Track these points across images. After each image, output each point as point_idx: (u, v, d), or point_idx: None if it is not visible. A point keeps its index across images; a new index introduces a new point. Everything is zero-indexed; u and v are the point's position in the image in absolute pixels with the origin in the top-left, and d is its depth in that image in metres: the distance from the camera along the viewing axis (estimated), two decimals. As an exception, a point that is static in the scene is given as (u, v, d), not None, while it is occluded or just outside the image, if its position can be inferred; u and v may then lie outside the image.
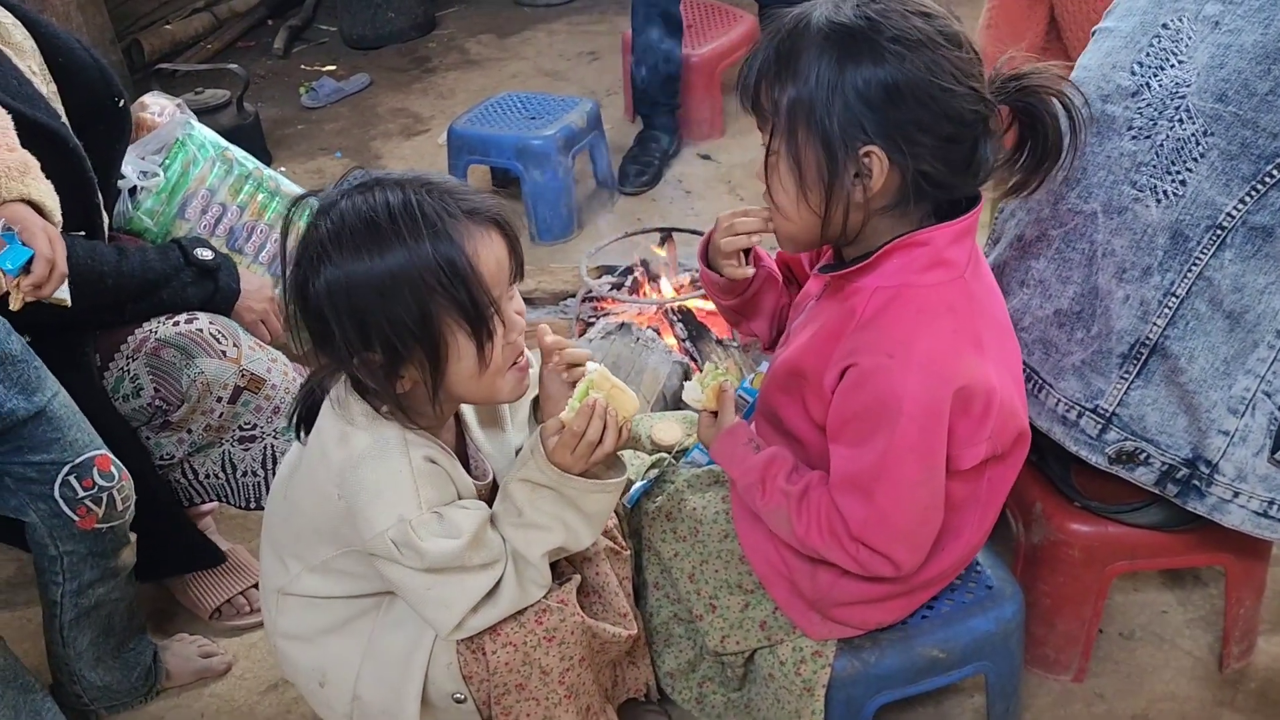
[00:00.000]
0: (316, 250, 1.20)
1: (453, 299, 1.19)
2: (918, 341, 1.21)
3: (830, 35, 1.18)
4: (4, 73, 1.57)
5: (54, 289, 1.34)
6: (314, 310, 1.22)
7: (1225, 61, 1.36)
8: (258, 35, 4.98)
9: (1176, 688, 1.71)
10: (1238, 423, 1.39)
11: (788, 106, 1.21)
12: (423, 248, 1.18)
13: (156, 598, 2.03)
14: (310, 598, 1.40)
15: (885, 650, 1.45)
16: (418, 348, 1.21)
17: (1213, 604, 1.84)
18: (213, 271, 1.82)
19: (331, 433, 1.30)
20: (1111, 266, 1.45)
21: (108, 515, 1.61)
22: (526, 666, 1.34)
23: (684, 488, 1.55)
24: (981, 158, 1.21)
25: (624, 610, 1.46)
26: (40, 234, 1.32)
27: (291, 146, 3.91)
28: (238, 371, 1.75)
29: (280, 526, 1.42)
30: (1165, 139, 1.41)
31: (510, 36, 4.72)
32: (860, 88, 1.16)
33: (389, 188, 1.21)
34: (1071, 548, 1.60)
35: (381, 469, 1.26)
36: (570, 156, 3.12)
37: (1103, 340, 1.46)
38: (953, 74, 1.16)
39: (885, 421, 1.22)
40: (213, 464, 1.84)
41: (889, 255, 1.24)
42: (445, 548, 1.26)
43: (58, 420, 1.54)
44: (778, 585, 1.43)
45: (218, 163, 2.03)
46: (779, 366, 1.39)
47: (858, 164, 1.19)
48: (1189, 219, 1.38)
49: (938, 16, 1.19)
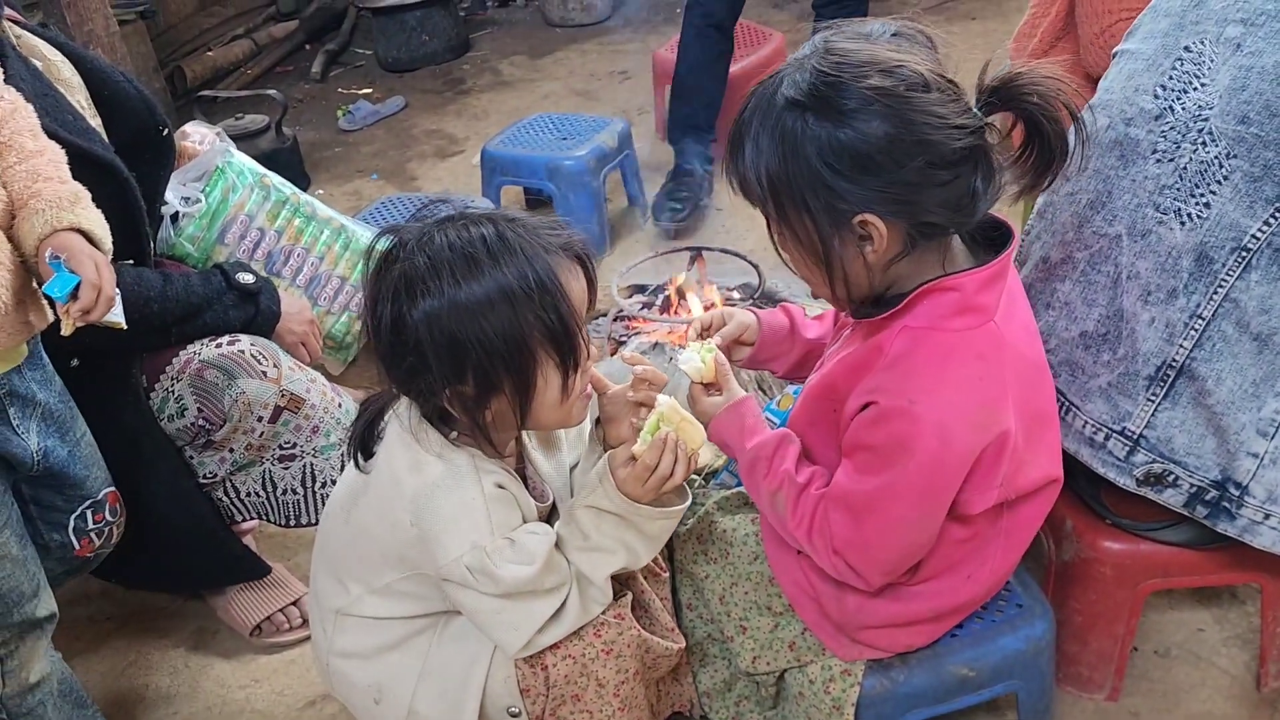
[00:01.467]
0: (414, 282, 1.21)
1: (547, 328, 1.23)
2: (942, 390, 1.20)
3: (790, 110, 1.16)
4: (60, 109, 1.63)
5: (102, 314, 1.38)
6: (409, 342, 1.23)
7: (1247, 84, 1.36)
8: (296, 60, 5.08)
9: (1213, 707, 1.69)
10: (1267, 445, 1.38)
11: (768, 188, 1.20)
12: (523, 281, 1.21)
13: (199, 614, 2.07)
14: (370, 618, 1.43)
15: (914, 669, 1.45)
16: (508, 379, 1.24)
17: (1250, 622, 1.82)
18: (254, 295, 1.87)
19: (403, 460, 1.32)
20: (1137, 289, 1.45)
21: (103, 545, 1.69)
22: (584, 679, 1.37)
23: (714, 510, 1.56)
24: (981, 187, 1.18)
25: (670, 625, 1.49)
26: (87, 261, 1.36)
27: (329, 169, 3.98)
28: (278, 391, 1.79)
29: (342, 550, 1.44)
30: (1189, 162, 1.41)
31: (543, 57, 4.77)
32: (831, 161, 1.14)
33: (480, 222, 1.24)
34: (1103, 565, 1.60)
35: (456, 497, 1.29)
36: (602, 176, 3.14)
37: (1129, 362, 1.46)
38: (925, 123, 1.13)
39: (895, 462, 1.23)
40: (254, 482, 1.88)
41: (918, 300, 1.23)
42: (519, 574, 1.29)
43: (84, 459, 1.62)
44: (806, 607, 1.44)
45: (256, 189, 2.08)
46: (809, 390, 1.40)
47: (856, 231, 1.18)
48: (1214, 241, 1.38)
49: (899, 66, 1.14)
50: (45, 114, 1.52)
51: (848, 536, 1.29)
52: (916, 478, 1.22)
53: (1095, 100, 1.57)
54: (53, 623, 1.54)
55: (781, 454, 1.36)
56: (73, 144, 1.54)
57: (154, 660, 2.01)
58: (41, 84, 1.63)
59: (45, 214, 1.36)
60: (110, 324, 1.41)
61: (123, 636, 2.07)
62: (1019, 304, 1.31)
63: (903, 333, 1.24)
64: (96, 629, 2.09)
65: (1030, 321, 1.34)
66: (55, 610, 1.54)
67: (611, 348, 2.43)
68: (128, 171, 1.70)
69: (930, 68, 1.16)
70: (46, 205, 1.37)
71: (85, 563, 1.71)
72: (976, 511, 1.28)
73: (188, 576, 2.01)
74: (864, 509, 1.27)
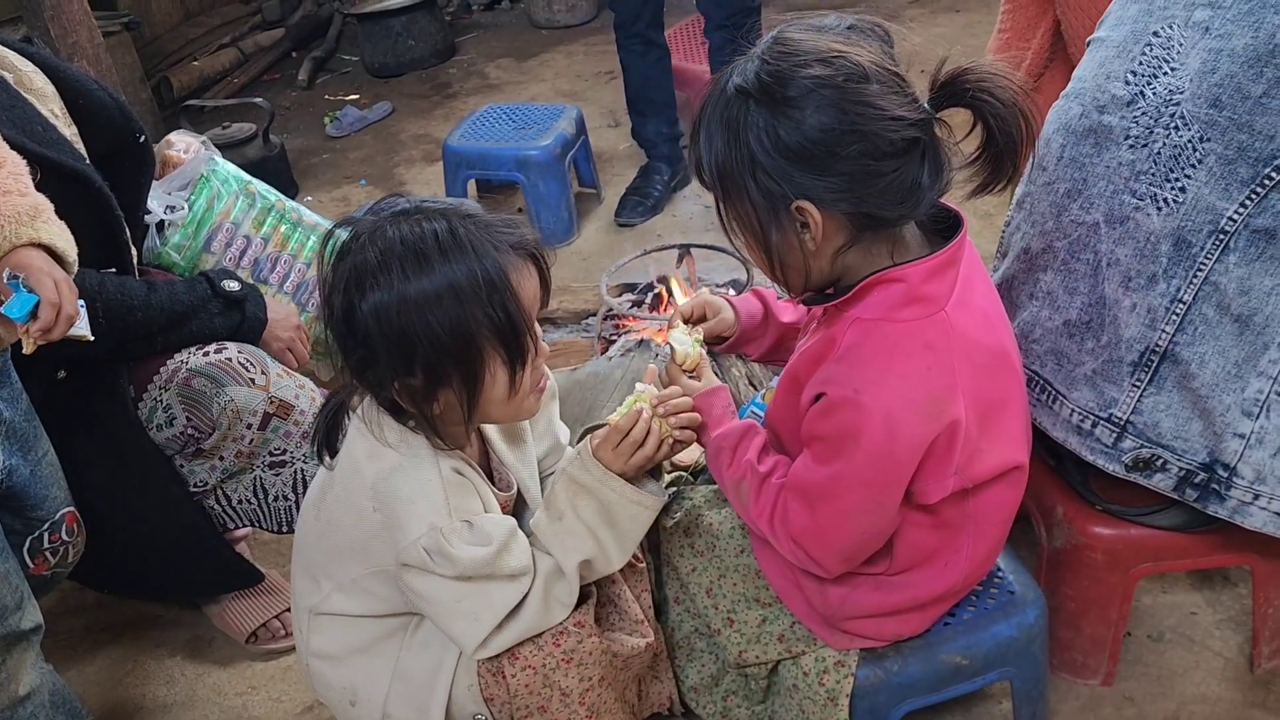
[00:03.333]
0: (365, 275, 1.23)
1: (495, 325, 1.24)
2: (888, 380, 1.21)
3: (735, 101, 1.20)
4: (28, 119, 1.62)
5: (63, 332, 1.36)
6: (359, 334, 1.25)
7: (1217, 66, 1.36)
8: (282, 68, 5.08)
9: (1207, 690, 1.70)
10: (1253, 425, 1.38)
11: (715, 174, 1.24)
12: (471, 278, 1.22)
13: (194, 623, 2.07)
14: (340, 616, 1.43)
15: (908, 659, 1.45)
16: (456, 373, 1.26)
17: (1242, 604, 1.82)
18: (240, 302, 1.87)
19: (362, 449, 1.34)
20: (1117, 276, 1.45)
21: (59, 564, 1.68)
22: (547, 689, 1.37)
23: (701, 504, 1.57)
24: (924, 179, 1.19)
25: (639, 618, 1.48)
26: (46, 279, 1.34)
27: (317, 176, 3.98)
28: (267, 398, 1.79)
29: (314, 545, 1.45)
30: (1162, 147, 1.41)
31: (529, 59, 4.77)
32: (769, 147, 1.17)
33: (433, 217, 1.25)
34: (1094, 551, 1.60)
35: (413, 479, 1.31)
36: (567, 163, 3.26)
37: (1113, 349, 1.46)
38: (860, 113, 1.14)
39: (843, 451, 1.24)
40: (245, 490, 1.88)
41: (867, 291, 1.25)
42: (476, 554, 1.30)
43: (45, 479, 1.61)
44: (794, 598, 1.44)
45: (241, 196, 2.08)
46: (780, 382, 1.41)
47: (795, 218, 1.20)
48: (1191, 225, 1.38)
49: (839, 56, 1.16)
50: (13, 125, 1.51)
51: (804, 525, 1.30)
52: (865, 467, 1.24)
53: (1069, 89, 1.58)
54: (39, 634, 1.53)
55: (745, 444, 1.38)
56: (40, 155, 1.54)
57: (150, 669, 2.01)
58: (8, 95, 1.62)
59: (4, 230, 1.35)
60: (76, 337, 1.40)
61: (118, 646, 2.07)
62: (978, 290, 1.30)
63: (854, 324, 1.25)
64: (91, 640, 2.08)
65: (991, 307, 1.33)
66: (41, 622, 1.53)
67: (601, 346, 2.43)
68: (101, 181, 1.70)
69: (873, 60, 1.17)
70: (5, 221, 1.35)
71: (42, 581, 1.69)
72: (935, 500, 1.29)
73: (181, 586, 2.01)
74: (818, 498, 1.28)
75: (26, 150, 1.48)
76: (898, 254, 1.25)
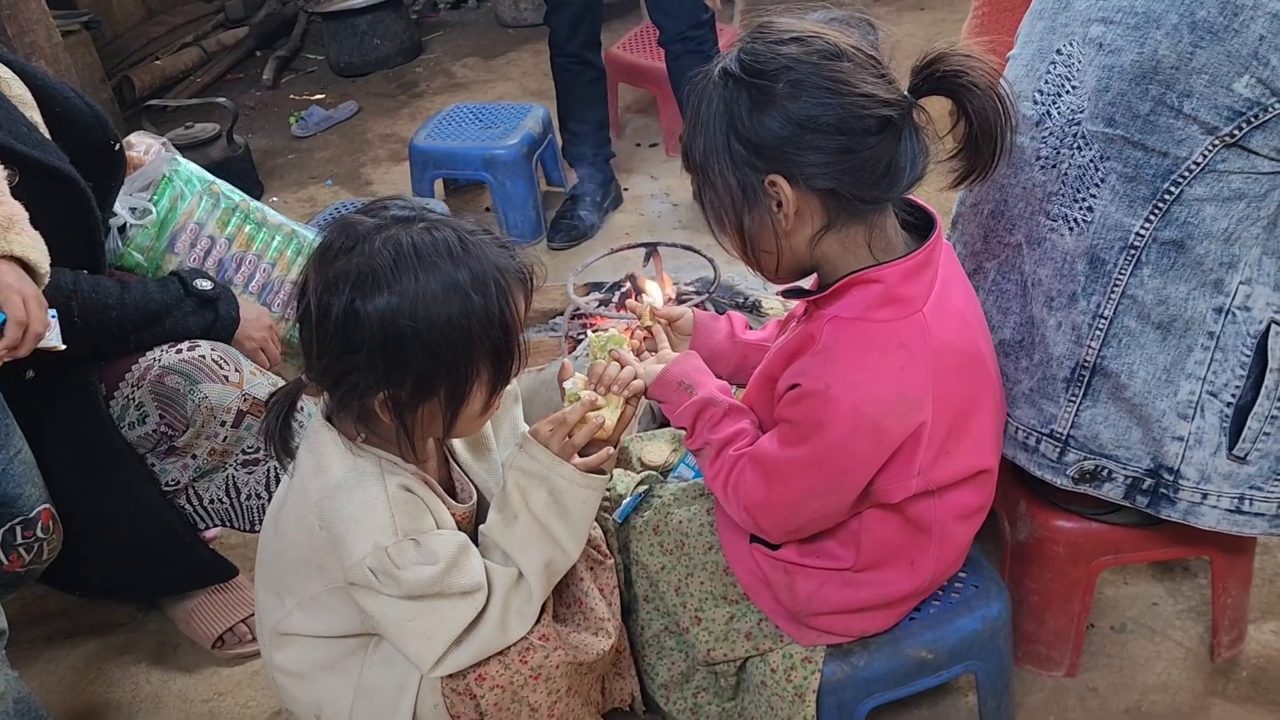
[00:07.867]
0: (376, 276, 1.19)
1: (493, 345, 1.24)
2: (859, 377, 1.23)
3: (720, 79, 1.23)
4: (14, 122, 1.62)
5: (30, 349, 1.34)
6: (356, 337, 1.20)
7: (1110, 85, 1.35)
8: (246, 68, 5.03)
9: (1169, 679, 1.73)
10: (1190, 426, 1.39)
11: (698, 157, 1.25)
12: (483, 293, 1.21)
13: (160, 629, 2.05)
14: (302, 635, 1.41)
15: (874, 654, 1.47)
16: (444, 386, 1.24)
17: (1202, 594, 1.85)
18: (213, 301, 1.87)
19: (309, 464, 1.32)
20: (1041, 296, 1.47)
21: (34, 561, 1.66)
22: (516, 705, 1.35)
23: (670, 501, 1.57)
24: (900, 162, 1.20)
25: (604, 616, 1.47)
26: (14, 296, 1.33)
27: (283, 176, 3.95)
28: (240, 396, 1.78)
29: (274, 558, 1.43)
30: (1069, 167, 1.41)
31: (495, 58, 4.76)
32: (746, 121, 1.20)
33: (441, 228, 1.23)
34: (1056, 544, 1.62)
35: (357, 497, 1.28)
36: (534, 162, 3.25)
37: (1045, 367, 1.48)
38: (829, 88, 1.16)
39: (807, 440, 1.26)
40: (217, 489, 1.87)
41: (846, 290, 1.26)
42: (422, 574, 1.27)
43: (17, 477, 1.59)
44: (761, 594, 1.45)
45: (205, 196, 2.06)
46: (756, 374, 1.43)
47: (768, 195, 1.22)
48: (1102, 243, 1.39)
49: (815, 36, 1.19)
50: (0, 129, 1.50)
51: (758, 498, 1.34)
52: (825, 457, 1.26)
53: None
54: (2, 639, 1.52)
55: (704, 418, 1.42)
56: (30, 156, 1.52)
57: (115, 676, 1.99)
58: None
59: None
60: (46, 349, 1.38)
61: (82, 653, 2.04)
62: (956, 292, 1.31)
63: (832, 322, 1.27)
64: (55, 647, 2.06)
65: (969, 310, 1.34)
66: (5, 627, 1.52)
67: (569, 345, 2.43)
68: (85, 182, 1.69)
69: (851, 42, 1.19)
70: None
71: (15, 578, 1.68)
72: (898, 500, 1.31)
73: (155, 583, 1.99)
74: (775, 476, 1.31)
75: (14, 151, 1.47)
76: (877, 247, 1.26)
